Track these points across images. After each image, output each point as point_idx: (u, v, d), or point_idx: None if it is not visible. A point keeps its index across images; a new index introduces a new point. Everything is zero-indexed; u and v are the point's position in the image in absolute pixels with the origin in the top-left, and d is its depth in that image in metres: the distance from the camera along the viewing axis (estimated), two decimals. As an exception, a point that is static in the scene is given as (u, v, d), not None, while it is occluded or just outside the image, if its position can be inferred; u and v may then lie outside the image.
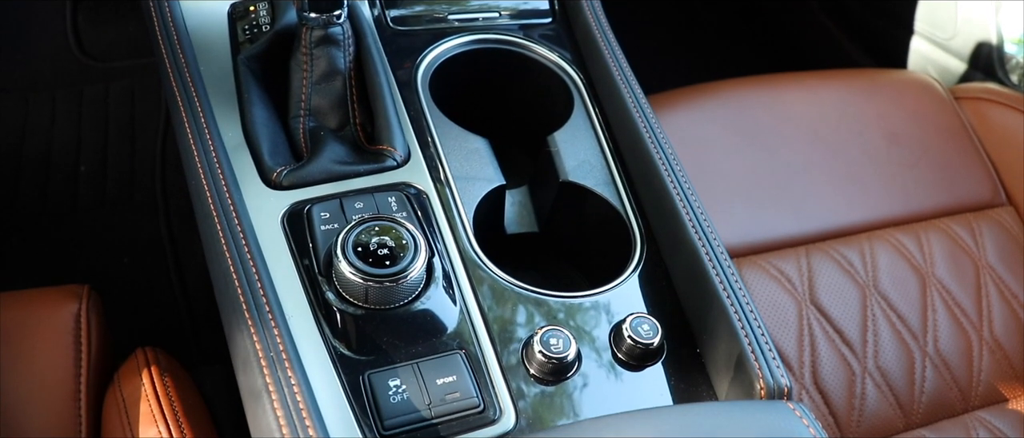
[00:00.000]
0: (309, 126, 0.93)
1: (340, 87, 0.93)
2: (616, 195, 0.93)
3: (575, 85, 1.02)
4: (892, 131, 1.43)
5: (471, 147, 0.94)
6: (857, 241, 1.30)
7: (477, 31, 1.05)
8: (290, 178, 0.85)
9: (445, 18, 1.07)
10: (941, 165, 1.43)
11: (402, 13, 1.06)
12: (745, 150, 1.33)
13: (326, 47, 0.91)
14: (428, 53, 1.02)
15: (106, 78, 1.91)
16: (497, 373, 0.76)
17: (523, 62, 1.05)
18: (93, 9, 1.94)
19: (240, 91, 0.94)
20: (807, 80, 1.47)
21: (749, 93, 1.41)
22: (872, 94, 1.48)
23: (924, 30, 1.81)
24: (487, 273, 0.83)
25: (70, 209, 1.75)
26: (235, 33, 1.02)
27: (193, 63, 0.95)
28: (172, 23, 0.98)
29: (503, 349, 0.78)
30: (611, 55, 1.01)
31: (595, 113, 0.99)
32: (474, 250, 0.84)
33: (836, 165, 1.37)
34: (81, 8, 1.93)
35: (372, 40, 0.98)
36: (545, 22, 1.09)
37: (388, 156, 0.89)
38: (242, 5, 1.04)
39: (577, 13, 1.07)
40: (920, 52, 1.83)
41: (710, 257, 0.82)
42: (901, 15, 1.85)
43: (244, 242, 0.79)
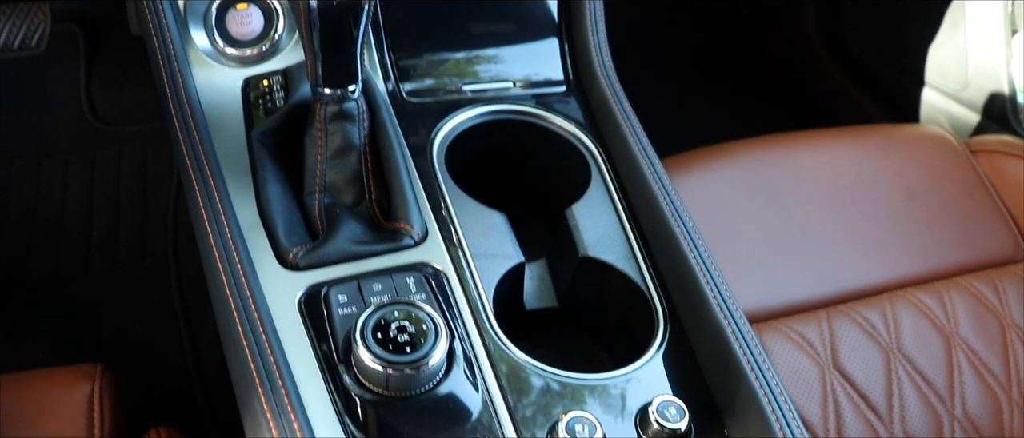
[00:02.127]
0: (324, 202, 0.92)
1: (355, 162, 0.93)
2: (637, 270, 0.91)
3: (592, 155, 1.02)
4: (909, 187, 1.42)
5: (489, 223, 0.93)
6: (878, 302, 1.28)
7: (491, 101, 1.05)
8: (307, 259, 0.84)
9: (459, 89, 1.06)
10: (960, 221, 1.41)
11: (416, 86, 1.06)
12: (762, 211, 1.32)
13: (341, 122, 0.91)
14: (443, 125, 1.02)
15: (118, 142, 1.92)
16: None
17: (539, 132, 1.05)
18: (106, 74, 1.95)
19: (255, 168, 0.94)
20: (821, 138, 1.46)
21: (764, 153, 1.40)
22: (887, 150, 1.46)
23: (935, 82, 1.81)
24: (509, 355, 0.81)
25: (82, 274, 1.74)
26: (249, 107, 1.01)
27: (207, 140, 0.95)
28: (186, 98, 0.98)
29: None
30: (627, 125, 1.00)
31: (613, 185, 0.99)
32: (495, 332, 0.82)
33: (854, 224, 1.35)
34: (94, 73, 1.95)
35: (387, 114, 0.97)
36: (559, 91, 1.09)
37: (405, 234, 0.88)
38: (255, 79, 1.04)
39: (591, 82, 1.07)
40: (932, 104, 1.83)
41: (736, 336, 0.81)
42: (911, 67, 1.85)
43: (261, 328, 0.77)
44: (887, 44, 1.94)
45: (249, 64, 1.06)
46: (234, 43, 1.06)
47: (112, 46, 1.97)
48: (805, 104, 2.18)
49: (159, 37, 1.02)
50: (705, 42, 2.34)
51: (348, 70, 0.88)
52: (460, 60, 1.10)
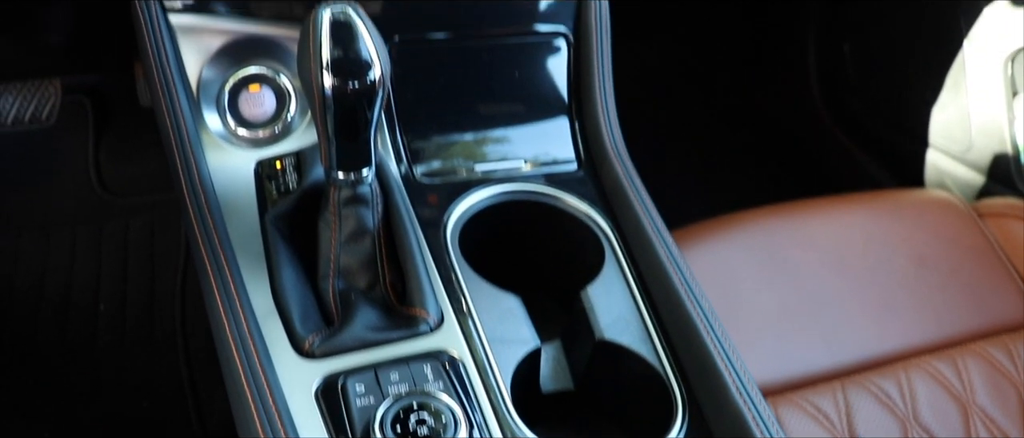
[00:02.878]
0: (339, 287, 0.92)
1: (369, 246, 0.93)
2: (653, 353, 0.91)
3: (605, 235, 1.02)
4: (919, 254, 1.42)
5: (505, 307, 0.92)
6: (893, 371, 1.27)
7: (503, 181, 1.05)
8: (323, 348, 0.84)
9: (471, 170, 1.07)
10: (972, 286, 1.41)
11: (428, 167, 1.07)
12: (773, 281, 1.31)
13: (355, 206, 0.91)
14: (456, 206, 1.02)
15: (126, 213, 1.92)
16: None
17: (552, 213, 1.05)
18: (115, 145, 1.97)
19: (268, 253, 0.93)
20: (830, 205, 1.47)
21: (773, 222, 1.40)
22: (895, 216, 1.47)
23: (939, 143, 1.82)
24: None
25: (88, 349, 1.73)
26: (262, 189, 1.02)
27: (221, 226, 0.95)
28: (199, 183, 0.99)
29: None
30: (640, 205, 1.00)
31: (627, 265, 0.98)
32: (513, 421, 0.82)
33: (865, 292, 1.35)
34: (103, 144, 1.96)
35: (400, 197, 0.98)
36: (571, 170, 1.10)
37: (421, 320, 0.87)
38: (268, 162, 1.04)
39: (603, 161, 1.07)
40: (937, 165, 1.84)
41: (756, 421, 0.80)
42: (915, 129, 1.86)
43: (279, 420, 0.77)
44: (890, 106, 1.96)
45: (261, 145, 1.06)
46: (246, 124, 1.07)
47: (121, 117, 1.98)
48: (810, 166, 2.19)
49: (172, 120, 1.03)
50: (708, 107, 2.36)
51: (362, 154, 0.89)
52: (471, 140, 1.11)
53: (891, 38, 1.93)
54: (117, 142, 1.97)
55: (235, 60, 1.08)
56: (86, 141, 1.95)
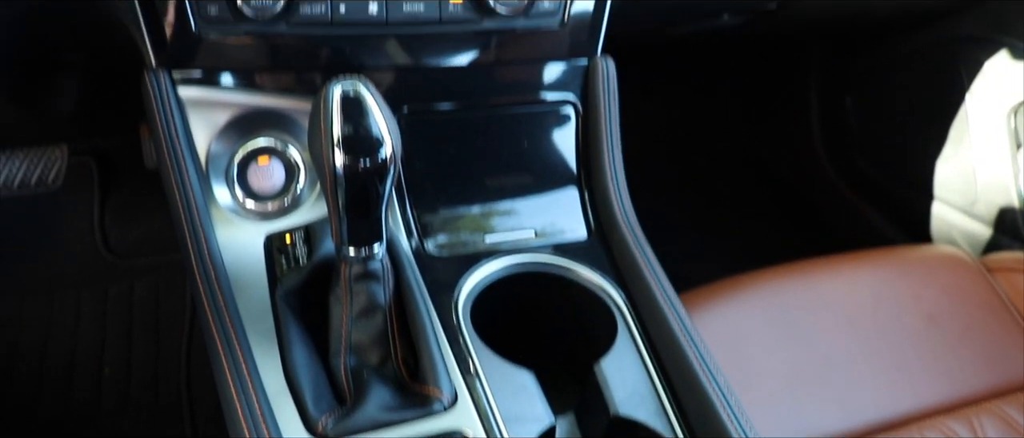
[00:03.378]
0: (351, 364, 0.91)
1: (381, 322, 0.92)
2: (669, 428, 0.90)
3: (617, 307, 1.01)
4: (930, 312, 1.41)
5: (518, 383, 0.91)
6: (908, 433, 1.26)
7: (513, 252, 1.05)
8: (337, 429, 0.83)
9: (481, 241, 1.07)
10: (984, 343, 1.40)
11: (439, 240, 1.07)
12: (784, 344, 1.30)
13: (366, 282, 0.91)
14: (466, 279, 1.01)
15: (131, 275, 1.92)
16: None
17: (563, 284, 1.05)
18: (120, 206, 1.97)
19: (279, 330, 0.93)
20: (838, 264, 1.46)
21: (782, 283, 1.40)
22: (904, 274, 1.46)
23: (945, 196, 1.82)
24: None
25: (93, 415, 1.71)
26: (272, 264, 1.01)
27: (231, 303, 0.94)
28: (209, 259, 0.98)
29: None
30: (652, 275, 1.00)
31: (641, 338, 0.98)
32: None
33: (877, 352, 1.34)
34: (108, 205, 1.96)
35: (411, 272, 0.97)
36: (581, 240, 1.09)
37: (434, 399, 0.86)
38: (278, 235, 1.04)
39: (613, 230, 1.07)
40: (943, 218, 1.84)
41: None
42: (919, 182, 1.86)
43: None
44: (893, 159, 1.96)
45: (271, 218, 1.06)
46: (255, 197, 1.07)
47: (126, 178, 1.99)
48: (816, 220, 2.19)
49: (182, 194, 1.03)
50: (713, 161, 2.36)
51: (373, 230, 0.89)
52: (481, 211, 1.11)
53: (893, 91, 1.94)
54: (122, 204, 1.97)
55: (244, 132, 1.08)
56: (91, 203, 1.96)
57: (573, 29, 1.10)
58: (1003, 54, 1.69)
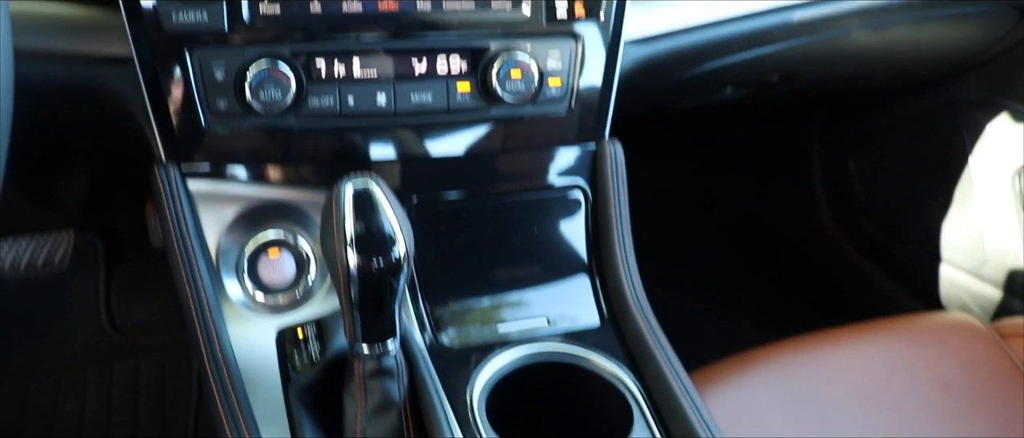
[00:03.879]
0: (365, 464, 0.90)
1: (396, 419, 0.91)
2: None
3: (633, 396, 1.00)
4: (945, 381, 1.40)
5: None
6: (929, 508, 1.24)
7: (526, 342, 1.05)
8: None
9: (494, 332, 1.07)
10: (1002, 412, 1.38)
11: (452, 333, 1.06)
12: (799, 421, 1.29)
13: (380, 379, 0.90)
14: (481, 371, 1.01)
15: (137, 354, 1.91)
16: None
17: (578, 373, 1.04)
18: (125, 285, 1.97)
19: (293, 428, 0.92)
20: (850, 335, 1.45)
21: (794, 358, 1.38)
22: (917, 343, 1.45)
23: (953, 258, 1.82)
24: None
25: (99, 500, 1.70)
26: (284, 359, 1.01)
27: (245, 401, 0.94)
28: (222, 357, 0.98)
29: None
30: (666, 362, 1.00)
31: (657, 427, 0.97)
32: None
33: (894, 426, 1.32)
34: (114, 283, 1.96)
35: (425, 367, 0.97)
36: (593, 327, 1.09)
37: None
38: (290, 330, 1.04)
39: (626, 317, 1.07)
40: (952, 280, 1.83)
41: None
42: (926, 245, 1.86)
43: None
44: (899, 222, 1.96)
45: (282, 311, 1.06)
46: (266, 290, 1.07)
47: (132, 256, 1.99)
48: (825, 284, 2.18)
49: (193, 290, 1.03)
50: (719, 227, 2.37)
51: (386, 327, 0.88)
52: (493, 301, 1.11)
53: (895, 155, 1.95)
54: (128, 282, 1.97)
55: (253, 224, 1.09)
56: (97, 281, 1.95)
57: (580, 115, 1.11)
58: (1004, 117, 1.70)
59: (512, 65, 1.03)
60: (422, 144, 1.09)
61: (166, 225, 1.06)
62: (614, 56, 1.10)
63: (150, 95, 1.02)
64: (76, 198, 1.52)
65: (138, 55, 1.00)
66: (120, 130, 1.10)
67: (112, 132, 1.19)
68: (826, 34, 1.36)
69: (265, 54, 1.00)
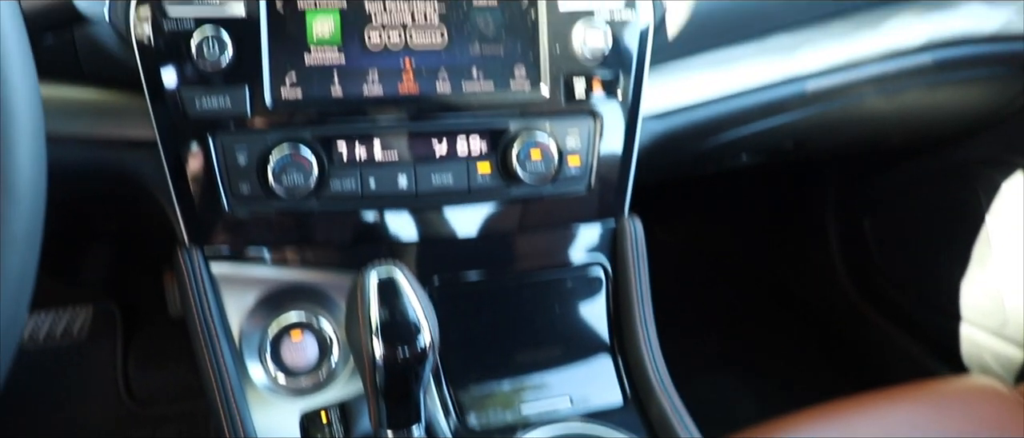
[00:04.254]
0: None
1: None
2: None
3: None
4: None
5: None
6: None
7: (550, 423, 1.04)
8: None
9: (519, 413, 1.06)
10: (1029, 481, 1.36)
11: (476, 416, 1.06)
12: (827, 495, 1.27)
13: (405, 465, 0.90)
14: None
15: (153, 423, 1.90)
16: None
17: (603, 453, 1.04)
18: (143, 354, 1.97)
19: None
20: (874, 402, 1.44)
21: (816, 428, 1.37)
22: (942, 410, 1.44)
23: (973, 319, 1.80)
24: None
25: None
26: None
27: None
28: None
29: None
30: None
31: None
32: None
33: (922, 496, 1.31)
34: (132, 353, 1.96)
35: (450, 452, 0.97)
36: (616, 407, 1.09)
37: None
38: (314, 414, 1.03)
39: (649, 396, 1.07)
40: (974, 341, 1.81)
41: None
42: (946, 305, 1.85)
43: None
44: (917, 282, 1.95)
45: (305, 394, 1.06)
46: (289, 372, 1.07)
47: (150, 325, 1.99)
48: (845, 348, 2.17)
49: (216, 375, 1.03)
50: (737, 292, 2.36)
51: (411, 412, 0.88)
52: (516, 381, 1.11)
53: (911, 214, 1.95)
54: (145, 351, 1.97)
55: (275, 307, 1.09)
56: (114, 351, 1.96)
57: (600, 192, 1.12)
58: (1019, 176, 1.70)
59: (532, 145, 1.04)
60: (443, 224, 1.09)
61: (190, 309, 1.06)
62: (632, 133, 1.11)
63: (173, 179, 1.03)
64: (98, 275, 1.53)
65: (161, 139, 1.01)
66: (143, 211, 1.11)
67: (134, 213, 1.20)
68: (840, 102, 1.37)
69: (287, 138, 1.01)
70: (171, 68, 0.98)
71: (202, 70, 0.98)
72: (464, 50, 1.04)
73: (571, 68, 1.06)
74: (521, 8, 1.05)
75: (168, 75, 0.99)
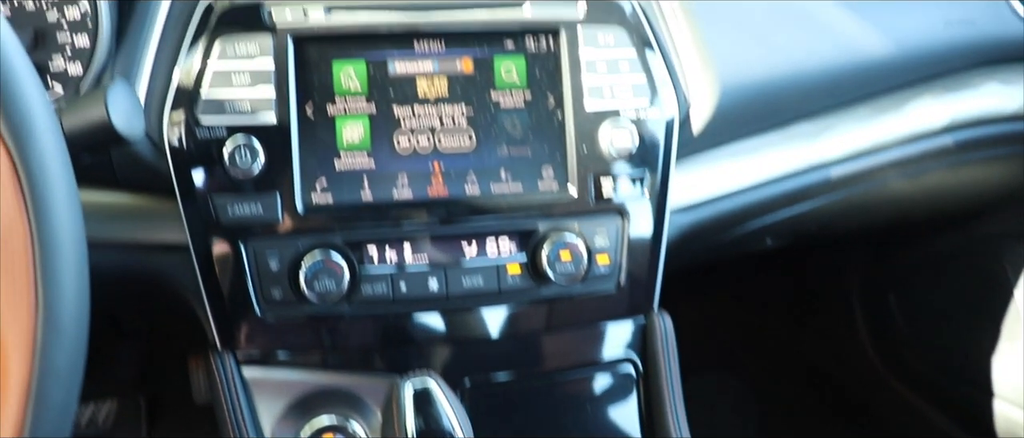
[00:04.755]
0: None
1: None
2: None
3: None
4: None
5: None
6: None
7: None
8: None
9: None
10: None
11: None
12: None
13: None
14: None
15: None
16: None
17: None
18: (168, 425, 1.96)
19: None
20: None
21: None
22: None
23: (1005, 394, 1.78)
24: None
25: None
26: None
27: None
28: None
29: None
30: None
31: None
32: None
33: None
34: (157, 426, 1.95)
35: None
36: None
37: None
38: None
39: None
40: (1007, 416, 1.78)
41: None
42: (976, 379, 1.82)
43: None
44: (946, 356, 1.93)
45: (337, 497, 1.05)
46: None
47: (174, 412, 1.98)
48: (873, 424, 2.14)
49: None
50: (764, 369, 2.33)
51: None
52: None
53: (937, 289, 1.93)
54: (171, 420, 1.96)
55: (307, 410, 1.09)
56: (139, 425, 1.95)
57: (629, 289, 1.12)
58: (1046, 250, 1.69)
59: (561, 247, 1.05)
60: (473, 325, 1.09)
61: (222, 413, 1.06)
62: (661, 228, 1.12)
63: (205, 284, 1.04)
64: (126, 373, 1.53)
65: (194, 245, 1.02)
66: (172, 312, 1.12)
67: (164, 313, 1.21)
68: (864, 186, 1.37)
69: (318, 244, 1.02)
70: (203, 175, 1.00)
71: (234, 177, 0.99)
72: (492, 152, 1.05)
73: (598, 167, 1.07)
74: (548, 109, 1.07)
75: (200, 182, 1.00)
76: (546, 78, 1.07)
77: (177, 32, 1.03)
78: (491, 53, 1.06)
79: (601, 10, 1.08)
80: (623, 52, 1.08)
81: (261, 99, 1.00)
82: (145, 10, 1.03)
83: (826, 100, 1.30)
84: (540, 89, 1.07)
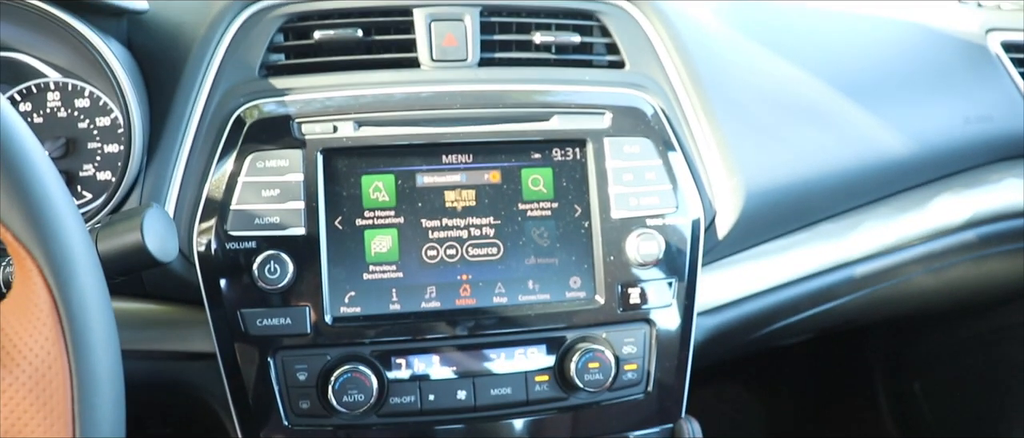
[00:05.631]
0: None
1: None
2: None
3: None
4: None
5: None
6: None
7: None
8: None
9: None
10: None
11: None
12: None
13: None
14: None
15: None
16: None
17: None
18: None
19: None
20: None
21: None
22: None
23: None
24: None
25: None
26: None
27: None
28: None
29: None
30: None
31: None
32: None
33: None
34: None
35: None
36: None
37: None
38: None
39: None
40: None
41: None
42: None
43: None
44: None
45: None
46: None
47: None
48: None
49: None
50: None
51: None
52: None
53: (963, 376, 1.91)
54: None
55: None
56: None
57: (657, 396, 1.11)
58: (1071, 338, 1.68)
59: (590, 357, 1.04)
60: (500, 433, 1.08)
61: None
62: (688, 334, 1.11)
63: (233, 394, 1.03)
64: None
65: (222, 356, 1.02)
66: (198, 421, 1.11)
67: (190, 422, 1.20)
68: (889, 282, 1.37)
69: (347, 356, 1.01)
70: (232, 286, 1.00)
71: (263, 289, 0.99)
72: (520, 262, 1.05)
73: (626, 276, 1.06)
74: (574, 218, 1.07)
75: (229, 294, 1.00)
76: (573, 188, 1.07)
77: (208, 143, 1.04)
78: (518, 164, 1.07)
79: (626, 119, 1.09)
80: (649, 161, 1.09)
81: (291, 210, 1.01)
82: (177, 120, 1.05)
83: (849, 200, 1.30)
84: (567, 199, 1.07)
